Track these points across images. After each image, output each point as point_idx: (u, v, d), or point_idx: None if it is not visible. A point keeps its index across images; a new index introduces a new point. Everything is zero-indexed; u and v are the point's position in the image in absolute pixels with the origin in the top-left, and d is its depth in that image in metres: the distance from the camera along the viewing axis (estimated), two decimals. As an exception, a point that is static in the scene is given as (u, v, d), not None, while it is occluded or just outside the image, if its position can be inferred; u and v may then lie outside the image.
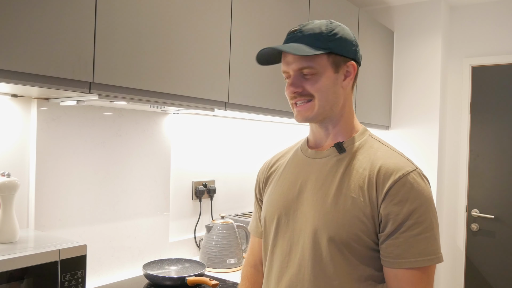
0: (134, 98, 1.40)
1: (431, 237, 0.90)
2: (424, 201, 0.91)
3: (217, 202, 2.33)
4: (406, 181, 0.91)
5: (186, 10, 1.54)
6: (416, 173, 0.94)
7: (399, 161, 0.95)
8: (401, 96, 3.21)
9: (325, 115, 1.00)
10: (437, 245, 0.91)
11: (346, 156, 1.00)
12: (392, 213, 0.91)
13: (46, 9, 1.13)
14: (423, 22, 3.12)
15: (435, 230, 0.91)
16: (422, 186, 0.93)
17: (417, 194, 0.91)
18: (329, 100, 0.99)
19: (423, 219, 0.90)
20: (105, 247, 1.73)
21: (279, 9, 1.99)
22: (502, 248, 3.00)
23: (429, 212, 0.91)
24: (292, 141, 3.00)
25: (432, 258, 0.90)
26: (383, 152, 0.99)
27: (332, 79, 0.98)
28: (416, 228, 0.89)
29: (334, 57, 0.98)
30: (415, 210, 0.90)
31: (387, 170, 0.93)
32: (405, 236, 0.90)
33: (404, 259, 0.90)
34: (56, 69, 1.16)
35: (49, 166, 1.55)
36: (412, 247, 0.89)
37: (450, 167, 3.22)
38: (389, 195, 0.91)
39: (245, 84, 1.82)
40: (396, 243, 0.90)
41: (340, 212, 0.94)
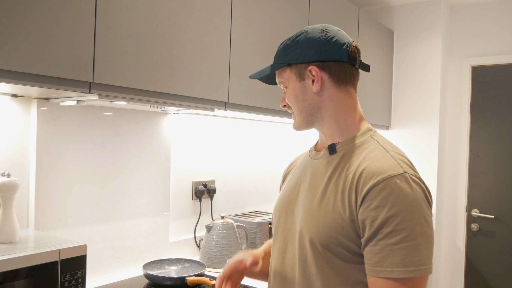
0: (134, 98, 1.40)
1: (412, 247, 0.83)
2: (405, 208, 0.84)
3: (217, 202, 2.33)
4: (385, 186, 0.85)
5: (186, 10, 1.54)
6: (402, 177, 0.86)
7: (385, 164, 0.89)
8: (401, 96, 3.21)
9: (310, 121, 1.03)
10: (420, 256, 0.83)
11: (336, 158, 0.98)
12: (368, 218, 0.86)
13: (46, 9, 1.13)
14: (423, 22, 3.12)
15: (419, 240, 0.83)
16: (405, 192, 0.85)
17: (397, 200, 0.84)
18: (302, 107, 1.01)
19: (403, 227, 0.83)
20: (105, 247, 1.73)
21: (279, 9, 1.99)
22: (502, 248, 3.00)
23: (411, 220, 0.83)
24: (291, 141, 2.99)
25: (411, 270, 0.82)
26: (375, 154, 0.93)
27: (299, 88, 1.01)
28: (395, 237, 0.83)
29: (295, 67, 1.01)
30: (393, 217, 0.83)
31: (368, 173, 0.89)
32: (383, 243, 0.84)
33: (382, 268, 0.84)
34: (56, 69, 1.16)
35: (49, 166, 1.55)
36: (389, 256, 0.83)
37: (450, 167, 3.22)
38: (366, 199, 0.86)
39: (245, 84, 1.82)
40: (375, 250, 0.85)
41: (321, 214, 0.93)
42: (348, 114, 1.00)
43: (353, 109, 1.01)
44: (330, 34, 0.99)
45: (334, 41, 0.98)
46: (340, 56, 0.98)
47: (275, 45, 1.98)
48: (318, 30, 1.00)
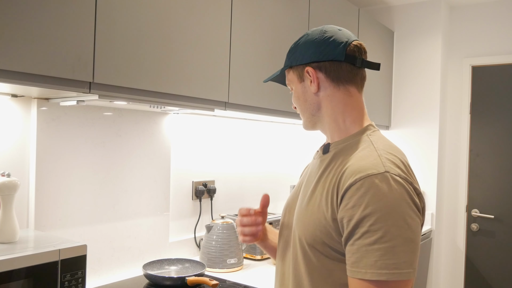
0: (134, 98, 1.40)
1: (387, 249, 0.79)
2: (381, 208, 0.81)
3: (217, 202, 2.33)
4: (362, 184, 0.83)
5: (186, 10, 1.54)
6: (381, 176, 0.83)
7: (368, 163, 0.87)
8: (401, 96, 3.21)
9: (313, 121, 1.05)
10: (396, 259, 0.79)
11: (327, 157, 0.99)
12: (345, 217, 0.84)
13: (46, 9, 1.13)
14: (423, 22, 3.12)
15: (394, 242, 0.80)
16: (383, 191, 0.82)
17: (374, 199, 0.81)
18: (304, 108, 1.04)
19: (378, 228, 0.80)
20: (105, 247, 1.73)
21: (279, 9, 1.99)
22: (502, 248, 3.00)
23: (387, 221, 0.80)
24: (291, 141, 2.99)
25: (384, 273, 0.79)
26: (364, 153, 0.91)
27: (300, 89, 1.04)
28: (370, 237, 0.81)
29: (295, 69, 1.04)
30: (368, 217, 0.81)
31: (349, 172, 0.87)
32: (359, 244, 0.82)
33: (357, 268, 0.82)
34: (56, 69, 1.16)
35: (49, 166, 1.55)
36: (364, 257, 0.81)
37: (450, 167, 3.22)
38: (345, 198, 0.85)
39: (245, 84, 1.82)
40: (352, 250, 0.83)
41: (308, 213, 0.94)
42: (347, 114, 0.99)
43: (352, 108, 1.00)
44: (328, 34, 0.99)
45: (331, 40, 0.98)
46: (336, 55, 0.97)
47: (275, 45, 1.98)
48: (317, 31, 1.01)
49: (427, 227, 3.05)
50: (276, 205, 2.80)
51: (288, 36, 2.06)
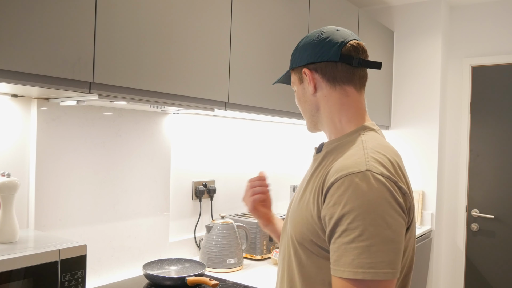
0: (134, 98, 1.40)
1: (363, 248, 0.79)
2: (359, 206, 0.80)
3: (217, 202, 2.33)
4: (343, 183, 0.83)
5: (186, 10, 1.54)
6: (362, 175, 0.83)
7: (351, 161, 0.86)
8: (401, 96, 3.21)
9: (313, 122, 1.07)
10: (372, 259, 0.78)
11: (319, 157, 1.00)
12: (327, 215, 0.85)
13: (46, 9, 1.13)
14: (423, 22, 3.12)
15: (371, 241, 0.79)
16: (363, 190, 0.81)
17: (353, 198, 0.81)
18: (304, 109, 1.07)
19: (355, 226, 0.80)
20: (105, 247, 1.73)
21: (279, 9, 1.99)
22: (502, 248, 3.00)
23: (365, 219, 0.79)
24: (291, 141, 2.99)
25: (360, 272, 0.79)
26: (351, 152, 0.90)
27: (301, 91, 1.06)
28: (348, 236, 0.80)
29: (295, 71, 1.06)
30: (347, 215, 0.81)
31: (333, 170, 0.87)
32: (339, 242, 0.82)
33: (337, 266, 0.82)
34: (56, 69, 1.16)
35: (49, 166, 1.55)
36: (343, 255, 0.81)
37: (450, 167, 3.22)
38: (327, 196, 0.86)
39: (245, 84, 1.82)
40: (333, 248, 0.83)
41: (298, 211, 0.96)
42: (343, 113, 1.00)
43: (348, 108, 0.99)
44: (325, 35, 1.00)
45: (327, 41, 0.99)
46: (331, 55, 0.98)
47: (275, 45, 1.98)
48: (316, 33, 1.02)
49: (427, 227, 3.05)
50: (277, 205, 2.80)
51: (288, 36, 2.06)
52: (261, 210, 1.24)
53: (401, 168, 0.91)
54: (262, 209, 1.24)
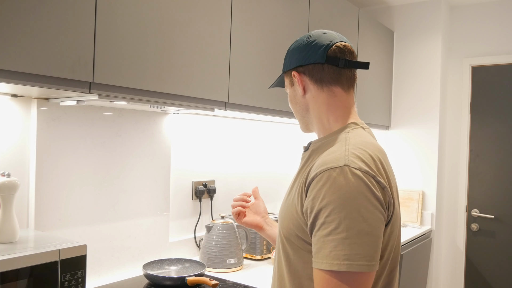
0: (134, 98, 1.40)
1: (339, 241, 0.81)
2: (335, 200, 0.83)
3: (217, 202, 2.33)
4: (321, 177, 0.86)
5: (186, 10, 1.54)
6: (339, 169, 0.85)
7: (332, 157, 0.89)
8: (401, 96, 3.21)
9: (305, 123, 1.10)
10: (347, 251, 0.81)
11: (306, 155, 1.04)
12: (308, 209, 0.88)
13: (46, 9, 1.13)
14: (423, 22, 3.12)
15: (347, 234, 0.81)
16: (340, 184, 0.83)
17: (329, 192, 0.84)
18: (297, 110, 1.10)
19: (332, 219, 0.82)
20: (105, 247, 1.73)
21: (279, 9, 1.99)
22: (502, 248, 3.00)
23: (340, 213, 0.82)
24: (291, 141, 2.99)
25: (335, 263, 0.81)
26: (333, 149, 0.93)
27: (292, 93, 1.10)
28: (326, 229, 0.83)
29: (287, 75, 1.10)
30: (324, 208, 0.84)
31: (315, 166, 0.90)
32: (318, 235, 0.85)
33: (316, 259, 0.85)
34: (56, 69, 1.16)
35: (49, 166, 1.55)
36: (322, 248, 0.83)
37: (450, 167, 3.22)
38: (308, 191, 0.89)
39: (245, 84, 1.82)
40: (314, 241, 0.86)
41: (285, 207, 1.00)
42: (330, 113, 1.03)
43: (336, 108, 1.02)
44: (312, 38, 1.03)
45: (313, 44, 1.02)
46: (318, 58, 1.01)
47: (275, 45, 1.98)
48: (304, 37, 1.07)
49: (427, 227, 3.05)
50: (276, 205, 2.80)
51: (288, 36, 2.06)
52: (247, 220, 1.34)
53: (384, 164, 0.93)
54: (248, 219, 1.35)
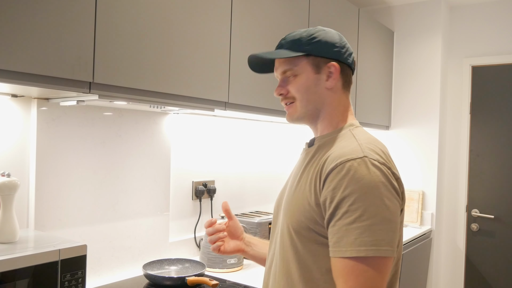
0: (134, 98, 1.40)
1: (365, 228, 0.84)
2: (359, 189, 0.86)
3: (217, 202, 2.33)
4: (342, 168, 0.89)
5: (186, 10, 1.54)
6: (360, 160, 0.89)
7: (348, 150, 0.92)
8: (401, 96, 3.21)
9: (311, 114, 1.06)
10: (374, 237, 0.84)
11: (312, 150, 1.05)
12: (328, 199, 0.89)
13: (46, 9, 1.13)
14: (423, 22, 3.12)
15: (372, 220, 0.84)
16: (361, 174, 0.87)
17: (352, 181, 0.87)
18: (311, 100, 1.04)
19: (356, 208, 0.85)
20: (105, 247, 1.73)
21: (279, 8, 1.99)
22: (502, 248, 3.00)
23: (364, 201, 0.85)
24: (291, 141, 2.99)
25: (362, 249, 0.83)
26: (344, 144, 0.96)
27: (312, 80, 1.04)
28: (349, 217, 0.85)
29: (313, 59, 1.04)
30: (347, 197, 0.86)
31: (331, 158, 0.93)
32: (340, 224, 0.87)
33: (338, 248, 0.86)
34: (56, 69, 1.16)
35: (49, 166, 1.55)
36: (345, 236, 0.85)
37: (450, 167, 3.22)
38: (327, 181, 0.90)
39: (245, 84, 1.82)
40: (333, 231, 0.88)
41: (294, 201, 0.99)
42: (342, 114, 1.06)
43: (346, 109, 1.07)
44: (345, 41, 1.07)
45: (348, 47, 1.07)
46: (350, 62, 1.07)
47: (275, 45, 1.98)
48: (336, 33, 1.07)
49: (427, 227, 3.05)
50: (276, 205, 2.79)
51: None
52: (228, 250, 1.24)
53: (391, 157, 0.99)
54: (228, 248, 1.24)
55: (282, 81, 1.07)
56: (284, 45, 1.06)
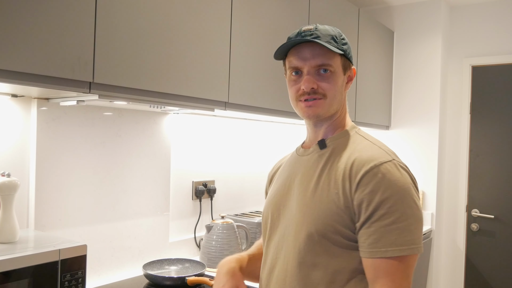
0: (134, 98, 1.40)
1: (403, 228, 0.89)
2: (397, 191, 0.91)
3: (217, 202, 2.33)
4: (378, 171, 0.92)
5: (186, 10, 1.54)
6: (391, 163, 0.94)
7: (374, 153, 0.96)
8: (401, 96, 3.21)
9: (331, 115, 1.06)
10: (411, 236, 0.90)
11: (327, 152, 1.04)
12: (364, 202, 0.91)
13: (46, 9, 1.13)
14: (423, 22, 3.12)
15: (409, 221, 0.90)
16: (396, 176, 0.92)
17: (389, 184, 0.91)
18: (337, 100, 1.04)
19: (395, 209, 0.90)
20: (105, 247, 1.73)
21: (279, 8, 1.99)
22: (502, 248, 3.00)
23: (402, 203, 0.90)
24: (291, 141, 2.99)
25: (404, 249, 0.89)
26: (363, 146, 1.00)
27: (341, 81, 1.05)
28: (388, 218, 0.89)
29: (344, 60, 1.05)
30: (386, 200, 0.90)
31: (360, 161, 0.95)
32: (377, 225, 0.90)
33: (376, 248, 0.90)
34: (56, 69, 1.16)
35: (49, 166, 1.55)
36: (383, 237, 0.89)
37: (450, 167, 3.22)
38: (361, 185, 0.92)
39: (245, 84, 1.82)
40: (369, 232, 0.91)
41: (316, 204, 0.98)
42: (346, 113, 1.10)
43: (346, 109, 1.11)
44: None
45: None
46: None
47: (275, 45, 1.98)
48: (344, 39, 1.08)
49: (427, 227, 3.05)
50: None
51: (288, 36, 2.06)
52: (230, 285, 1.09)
53: None
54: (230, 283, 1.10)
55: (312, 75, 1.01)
56: (321, 38, 1.00)
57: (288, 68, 1.06)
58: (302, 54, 1.01)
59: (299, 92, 1.03)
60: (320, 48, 1.00)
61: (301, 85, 1.01)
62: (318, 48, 1.00)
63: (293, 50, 1.03)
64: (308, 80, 1.00)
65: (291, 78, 1.05)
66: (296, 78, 1.03)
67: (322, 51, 1.00)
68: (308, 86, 1.00)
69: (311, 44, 1.01)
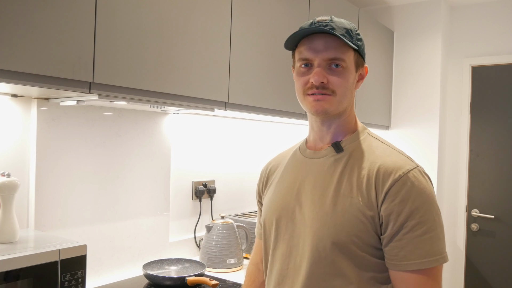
0: (134, 98, 1.40)
1: (435, 237, 0.87)
2: (426, 200, 0.88)
3: (217, 202, 2.33)
4: (406, 180, 0.89)
5: (186, 10, 1.54)
6: (417, 171, 0.91)
7: (398, 159, 0.93)
8: (401, 96, 3.21)
9: (340, 113, 0.99)
10: (441, 244, 0.88)
11: (344, 156, 0.97)
12: (394, 213, 0.88)
13: (46, 9, 1.13)
14: (423, 22, 3.12)
15: (438, 229, 0.88)
16: (424, 184, 0.90)
17: (419, 193, 0.88)
18: (347, 97, 0.98)
19: (426, 219, 0.87)
20: (105, 247, 1.73)
21: (279, 8, 1.99)
22: (502, 248, 3.00)
23: (432, 211, 0.88)
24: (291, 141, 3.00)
25: (438, 258, 0.87)
26: (382, 151, 0.96)
27: (353, 78, 0.98)
28: (420, 229, 0.87)
29: (357, 57, 0.99)
30: (417, 209, 0.87)
31: (386, 169, 0.90)
32: (409, 237, 0.87)
33: (410, 261, 0.87)
34: (56, 69, 1.16)
35: (49, 166, 1.55)
36: (417, 248, 0.87)
37: (450, 167, 3.22)
38: (390, 194, 0.88)
39: (245, 84, 1.82)
40: (400, 245, 0.88)
41: (338, 213, 0.91)
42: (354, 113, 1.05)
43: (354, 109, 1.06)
44: None
45: None
46: None
47: (275, 45, 1.98)
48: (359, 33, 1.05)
49: (427, 227, 3.04)
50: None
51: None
52: None
53: None
54: None
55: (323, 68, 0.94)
56: (336, 30, 0.93)
57: (297, 59, 0.98)
58: (314, 45, 0.94)
59: (307, 85, 0.95)
60: (334, 41, 0.93)
61: (310, 77, 0.94)
62: (331, 41, 0.93)
63: (305, 40, 0.96)
64: (318, 73, 0.93)
65: (300, 70, 0.97)
66: (305, 71, 0.96)
67: (336, 44, 0.93)
68: (317, 79, 0.93)
69: (324, 36, 0.93)
